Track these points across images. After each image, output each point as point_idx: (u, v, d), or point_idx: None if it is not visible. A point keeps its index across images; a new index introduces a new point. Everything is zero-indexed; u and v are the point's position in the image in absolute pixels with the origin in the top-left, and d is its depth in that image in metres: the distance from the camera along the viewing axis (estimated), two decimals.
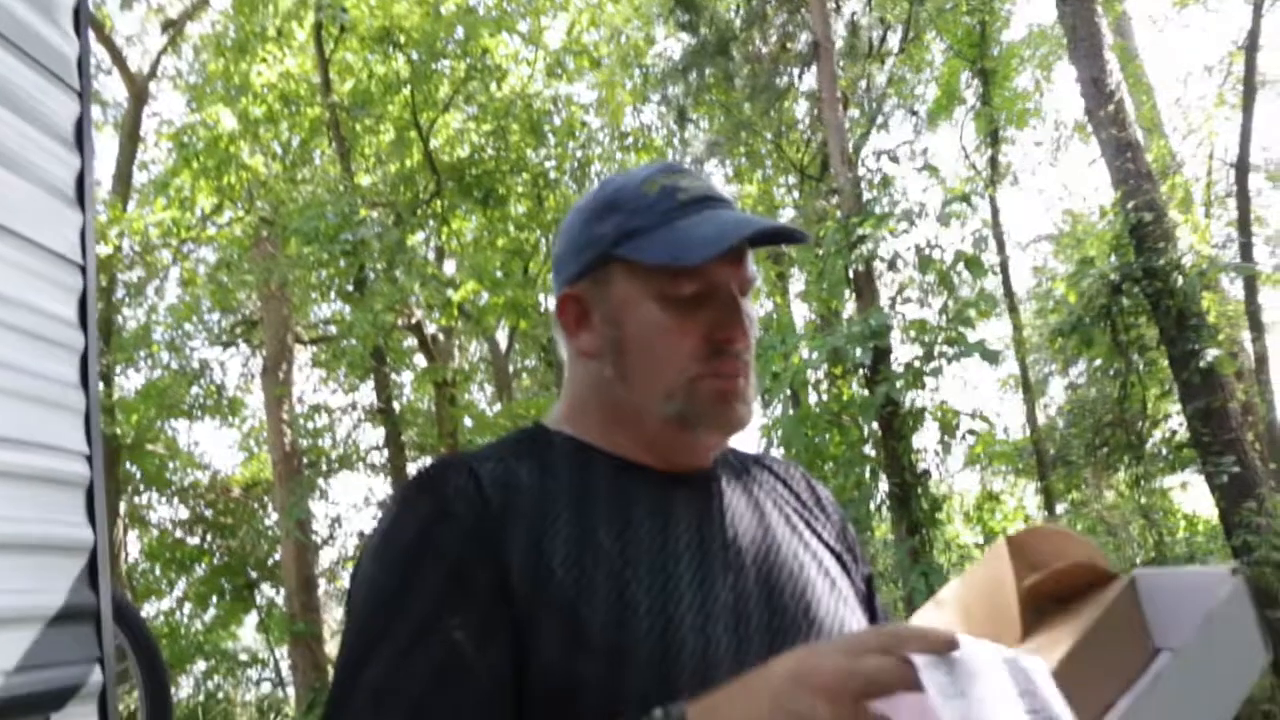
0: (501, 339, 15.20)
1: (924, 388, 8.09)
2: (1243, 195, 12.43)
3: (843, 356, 7.91)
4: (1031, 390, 13.81)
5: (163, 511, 16.89)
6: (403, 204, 11.88)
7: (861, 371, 8.35)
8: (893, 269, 8.70)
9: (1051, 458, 12.76)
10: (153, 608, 16.13)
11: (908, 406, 8.06)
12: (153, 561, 16.49)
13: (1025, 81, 15.78)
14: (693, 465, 1.23)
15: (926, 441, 8.52)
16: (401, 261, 9.88)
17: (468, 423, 13.11)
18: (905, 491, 8.03)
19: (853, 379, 8.68)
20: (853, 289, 8.76)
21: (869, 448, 8.50)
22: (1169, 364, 9.09)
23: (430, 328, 12.79)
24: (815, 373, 8.71)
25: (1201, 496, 10.74)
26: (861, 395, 8.22)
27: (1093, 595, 1.13)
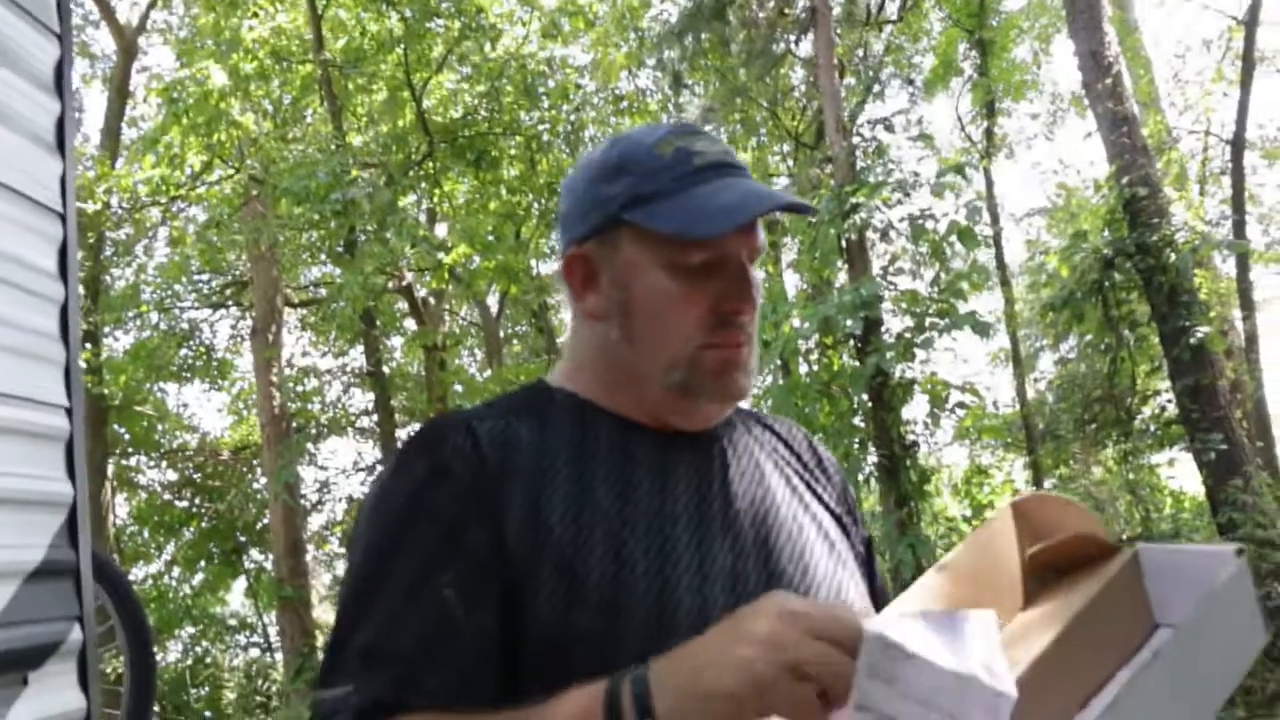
0: (492, 304, 15.17)
1: (914, 359, 8.08)
2: (1238, 172, 12.41)
3: (834, 326, 7.90)
4: (1022, 364, 13.83)
5: (151, 474, 16.91)
6: (394, 165, 11.79)
7: (852, 342, 8.34)
8: (885, 239, 8.68)
9: (1040, 432, 12.80)
10: (141, 571, 16.16)
11: (898, 378, 8.05)
12: (141, 525, 16.52)
13: (1023, 53, 15.76)
14: (696, 428, 1.22)
15: (916, 413, 8.54)
16: (393, 223, 9.81)
17: (458, 388, 13.08)
18: (894, 463, 8.04)
19: (843, 349, 8.67)
20: (845, 258, 8.74)
21: (858, 419, 8.50)
22: (1159, 340, 9.10)
23: (421, 291, 12.75)
24: (806, 342, 8.69)
25: (1188, 474, 10.79)
26: (852, 366, 8.21)
27: (1095, 567, 1.12)
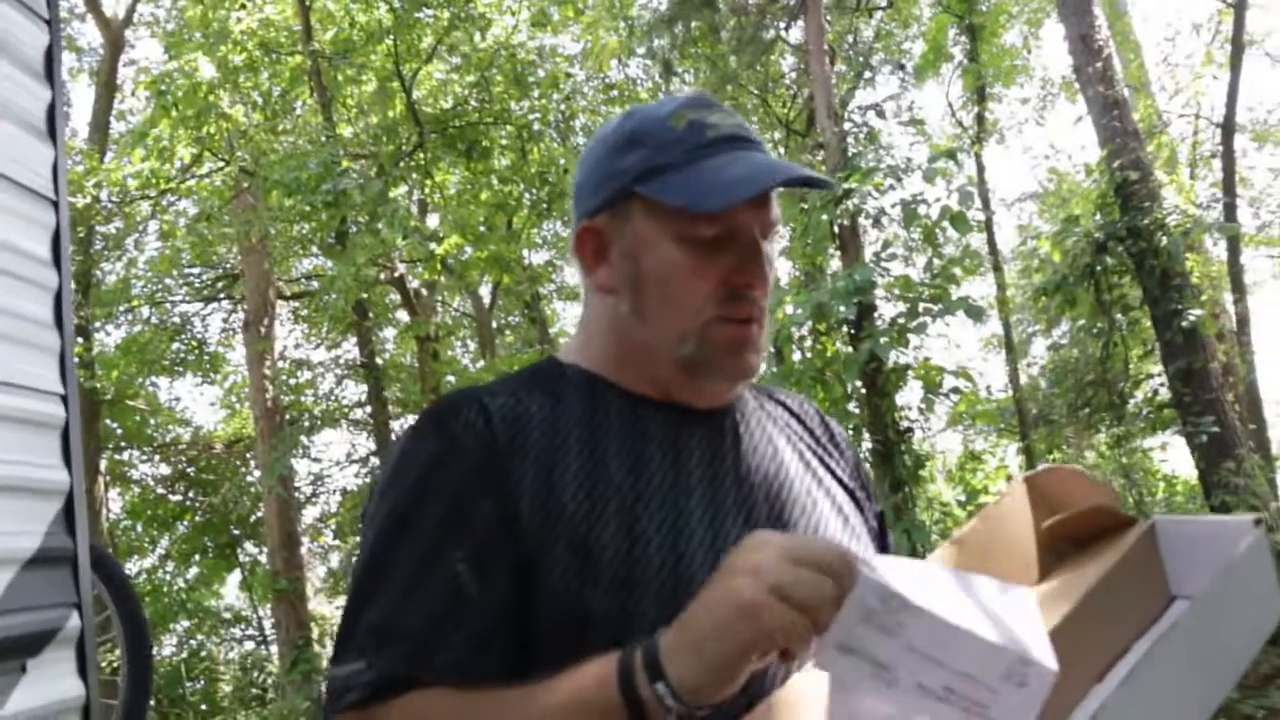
0: (485, 295, 15.14)
1: (908, 345, 8.07)
2: (1228, 155, 12.43)
3: (827, 312, 7.88)
4: (1014, 350, 13.85)
5: (144, 468, 16.87)
6: (385, 156, 11.75)
7: (845, 328, 8.33)
8: (877, 226, 8.66)
9: (1033, 417, 12.83)
10: (135, 566, 16.13)
11: (891, 364, 8.04)
12: (134, 519, 16.50)
13: (1013, 38, 15.74)
14: (707, 405, 1.22)
15: (910, 399, 8.54)
16: (384, 214, 9.77)
17: (451, 379, 13.06)
18: (888, 449, 8.03)
19: (837, 336, 8.66)
20: (837, 245, 8.72)
21: (852, 405, 8.49)
22: (1151, 324, 9.12)
23: (413, 283, 12.73)
24: (799, 329, 8.68)
25: (1180, 459, 10.83)
26: (845, 352, 8.19)
27: (1111, 540, 1.12)
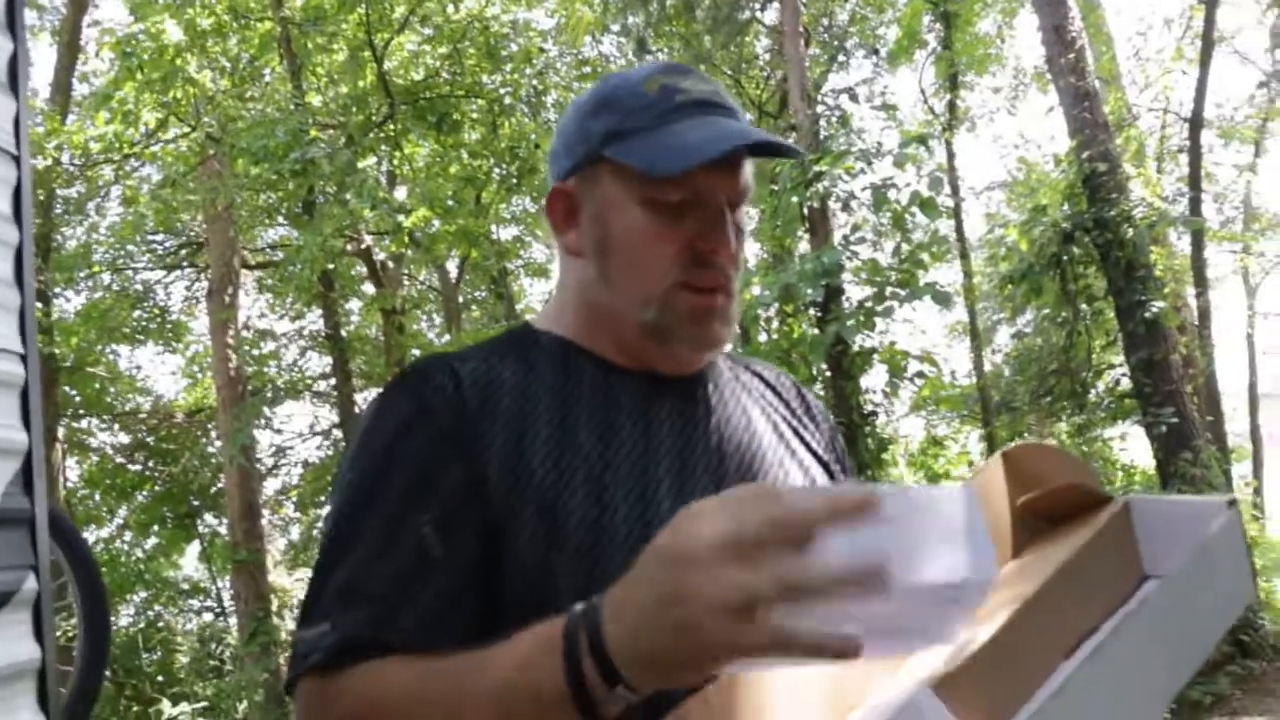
0: (452, 269, 15.07)
1: (874, 328, 8.11)
2: (1195, 151, 12.55)
3: (794, 294, 7.90)
4: (979, 337, 13.94)
5: (103, 437, 16.69)
6: (355, 126, 11.65)
7: (812, 310, 8.36)
8: (847, 209, 8.69)
9: (996, 404, 12.93)
10: (93, 535, 15.97)
11: (857, 347, 8.08)
12: (92, 488, 16.32)
13: (987, 27, 15.79)
14: (676, 372, 1.21)
15: (874, 383, 8.60)
16: (352, 185, 9.69)
17: (416, 352, 13.01)
18: (852, 432, 8.07)
19: (803, 318, 8.69)
20: (806, 227, 8.74)
21: (817, 387, 8.53)
22: (1115, 315, 9.21)
23: (380, 255, 12.65)
24: (766, 310, 8.70)
25: (1139, 449, 10.95)
26: (811, 334, 8.23)
27: (1085, 517, 1.12)
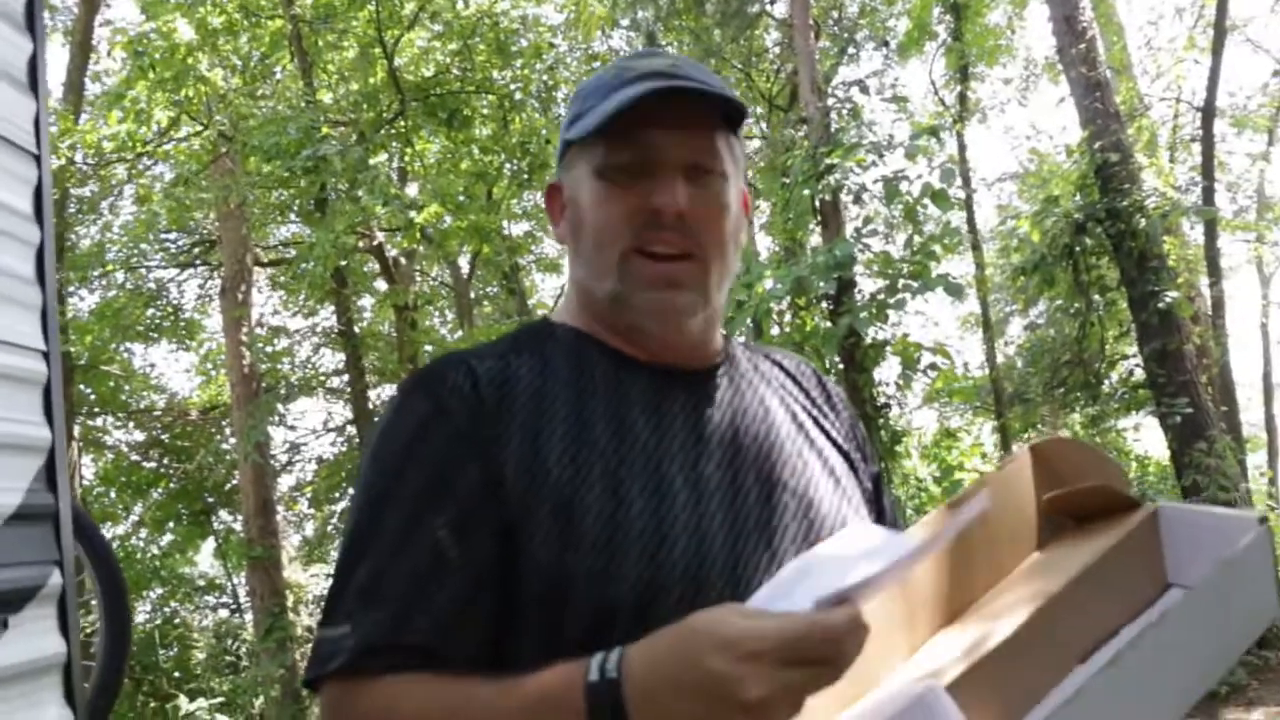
0: (463, 265, 15.09)
1: (886, 321, 8.10)
2: (1208, 140, 12.49)
3: (806, 287, 7.90)
4: (992, 328, 13.92)
5: (118, 435, 16.75)
6: (366, 123, 11.66)
7: (825, 303, 8.36)
8: (858, 201, 8.68)
9: (1009, 396, 12.90)
10: (108, 533, 16.03)
11: (870, 339, 8.07)
12: (107, 486, 16.38)
13: (997, 17, 15.73)
14: (676, 360, 1.21)
15: (887, 375, 8.59)
16: (364, 181, 9.70)
17: (428, 348, 13.03)
18: (866, 424, 8.00)
19: (816, 311, 8.68)
20: (818, 220, 8.73)
21: (830, 380, 8.54)
22: (1128, 305, 9.18)
23: (391, 251, 12.66)
24: (778, 303, 8.70)
25: (1153, 440, 10.93)
26: (824, 327, 8.22)
27: (1112, 520, 1.12)
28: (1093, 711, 0.93)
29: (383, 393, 15.26)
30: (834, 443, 1.29)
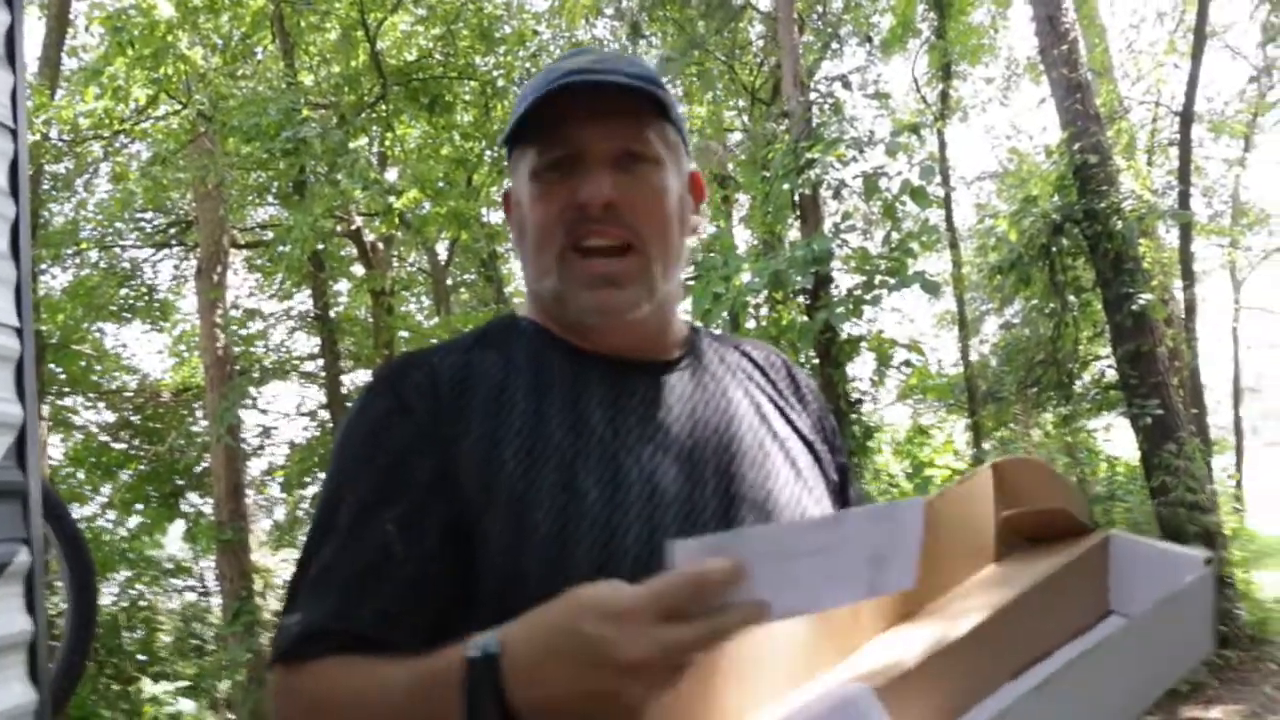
0: (441, 251, 15.04)
1: (862, 316, 8.12)
2: (1185, 144, 12.59)
3: (784, 281, 7.90)
4: (967, 326, 13.96)
5: (87, 415, 16.60)
6: (346, 106, 11.60)
7: (801, 297, 8.37)
8: (838, 197, 8.69)
9: (982, 394, 12.96)
10: (76, 513, 15.88)
11: (845, 334, 8.09)
12: (76, 466, 16.24)
13: (981, 17, 15.77)
14: (634, 353, 1.22)
15: (862, 371, 8.61)
16: (344, 165, 9.65)
17: (404, 334, 12.99)
18: (839, 419, 8.04)
19: (793, 305, 8.70)
20: (797, 214, 8.74)
21: (803, 371, 8.55)
22: (1102, 306, 9.23)
23: (369, 236, 12.60)
24: (755, 297, 8.70)
25: (1123, 441, 11.01)
26: (800, 321, 8.23)
27: (1065, 543, 1.13)
28: None
29: (357, 378, 15.20)
30: (799, 434, 1.30)
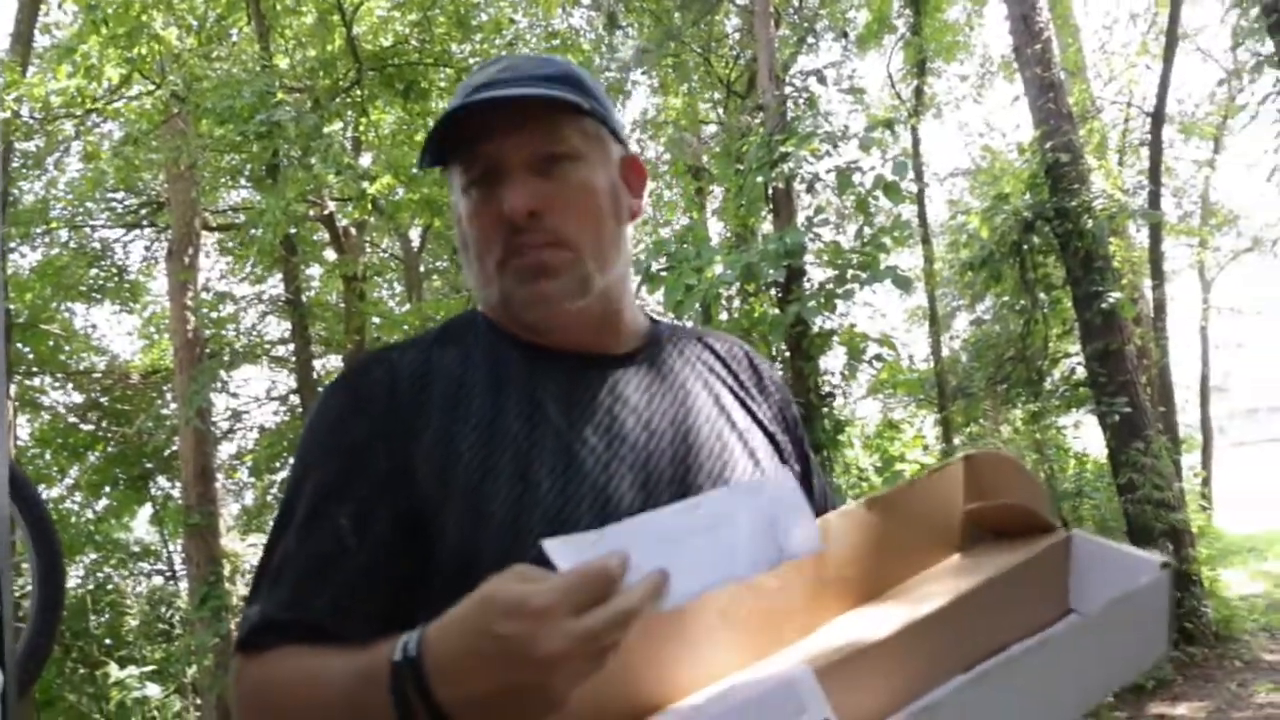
0: (414, 237, 15.00)
1: (834, 310, 8.15)
2: (1156, 145, 12.72)
3: (756, 274, 7.91)
4: (938, 322, 14.06)
5: (55, 395, 16.46)
6: (321, 90, 11.53)
7: (773, 290, 8.39)
8: (811, 191, 8.72)
9: (952, 389, 13.05)
10: (42, 495, 15.71)
11: (817, 328, 8.12)
12: (43, 447, 16.10)
13: (957, 14, 15.85)
14: (589, 347, 1.24)
15: (833, 365, 8.64)
16: (317, 149, 9.59)
17: (376, 320, 12.95)
18: (809, 412, 8.11)
19: (765, 298, 8.73)
20: (770, 207, 8.77)
21: (777, 367, 8.58)
22: (1072, 304, 9.31)
23: (342, 221, 12.54)
24: (728, 289, 8.72)
25: (1092, 438, 11.11)
26: (772, 314, 8.26)
27: (1028, 540, 1.14)
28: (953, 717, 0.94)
29: (328, 363, 15.13)
30: (760, 425, 1.31)
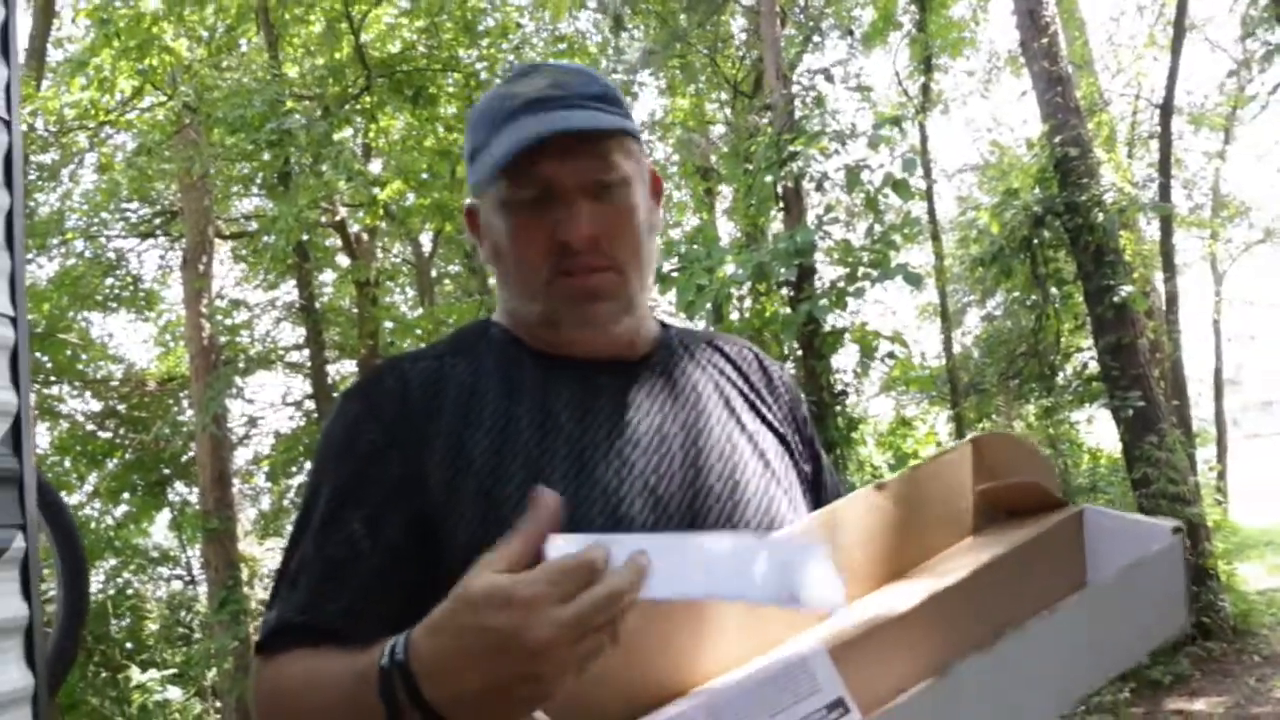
0: (425, 242, 15.03)
1: (846, 308, 8.17)
2: (1165, 137, 12.66)
3: (767, 273, 7.94)
4: (949, 319, 14.03)
5: (73, 404, 16.56)
6: (331, 97, 11.58)
7: (785, 289, 8.41)
8: (820, 189, 8.73)
9: (965, 386, 13.03)
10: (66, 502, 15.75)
11: (829, 326, 8.13)
12: (63, 455, 16.18)
13: (962, 10, 15.81)
14: (604, 355, 1.25)
15: (845, 363, 8.65)
16: (328, 156, 9.66)
17: (389, 325, 13.00)
18: (822, 411, 8.13)
19: (776, 297, 8.75)
20: (780, 206, 8.79)
21: (789, 366, 8.59)
22: (1084, 298, 9.29)
23: (354, 227, 12.60)
24: (739, 289, 8.74)
25: (1105, 432, 11.08)
26: (784, 313, 8.28)
27: (1038, 517, 1.15)
28: (965, 690, 0.94)
29: (342, 368, 15.18)
30: (770, 426, 1.32)
